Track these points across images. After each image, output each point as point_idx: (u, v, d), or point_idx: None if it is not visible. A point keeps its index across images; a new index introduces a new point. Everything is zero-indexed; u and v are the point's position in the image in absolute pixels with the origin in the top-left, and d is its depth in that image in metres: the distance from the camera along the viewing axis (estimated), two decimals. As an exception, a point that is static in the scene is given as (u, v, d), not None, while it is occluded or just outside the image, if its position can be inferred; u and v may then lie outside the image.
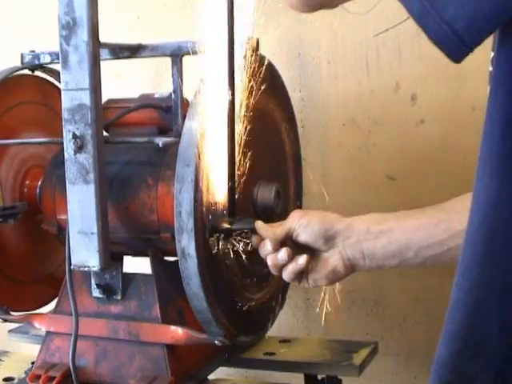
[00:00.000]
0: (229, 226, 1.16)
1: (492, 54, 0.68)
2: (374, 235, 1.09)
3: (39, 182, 1.53)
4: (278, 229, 1.14)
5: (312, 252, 1.14)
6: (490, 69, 0.67)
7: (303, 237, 1.13)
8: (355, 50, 1.80)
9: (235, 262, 1.30)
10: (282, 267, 1.13)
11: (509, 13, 0.59)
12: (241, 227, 1.16)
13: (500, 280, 0.66)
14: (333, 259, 1.12)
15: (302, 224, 1.13)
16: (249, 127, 1.17)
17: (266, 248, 1.14)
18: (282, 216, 1.42)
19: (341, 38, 1.81)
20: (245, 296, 1.39)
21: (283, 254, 1.12)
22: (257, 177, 1.37)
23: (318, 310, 1.21)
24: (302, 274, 1.14)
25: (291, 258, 1.12)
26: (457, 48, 0.61)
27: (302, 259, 1.11)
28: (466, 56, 0.62)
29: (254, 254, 1.18)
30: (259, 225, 1.15)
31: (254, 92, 1.18)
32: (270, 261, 1.14)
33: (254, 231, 1.16)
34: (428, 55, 1.67)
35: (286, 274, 1.13)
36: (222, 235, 1.17)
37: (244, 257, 1.17)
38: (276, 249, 1.13)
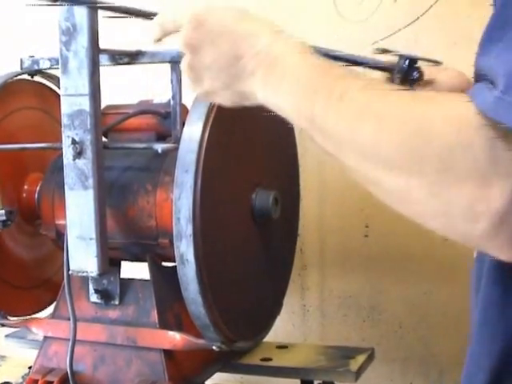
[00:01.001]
0: None
1: None
2: None
3: (38, 188, 1.53)
4: None
5: None
6: None
7: None
8: (353, 57, 1.81)
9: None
10: None
11: None
12: None
13: None
14: None
15: None
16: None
17: None
18: (280, 222, 1.43)
19: (339, 45, 1.82)
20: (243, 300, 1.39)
21: None
22: (255, 182, 1.38)
23: (314, 315, 1.20)
24: None
25: None
26: None
27: None
28: None
29: None
30: None
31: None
32: None
33: None
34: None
35: None
36: None
37: None
38: None
